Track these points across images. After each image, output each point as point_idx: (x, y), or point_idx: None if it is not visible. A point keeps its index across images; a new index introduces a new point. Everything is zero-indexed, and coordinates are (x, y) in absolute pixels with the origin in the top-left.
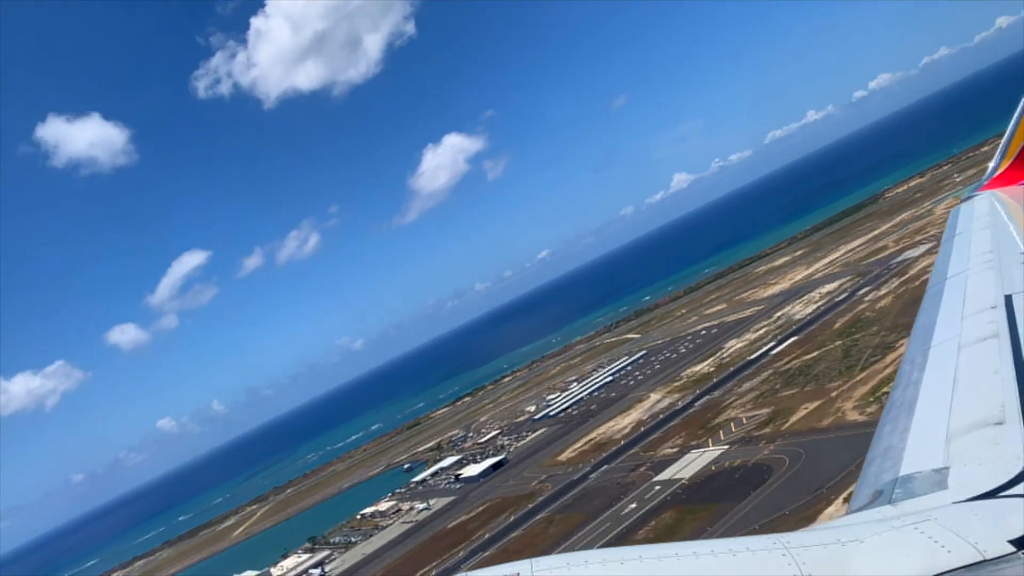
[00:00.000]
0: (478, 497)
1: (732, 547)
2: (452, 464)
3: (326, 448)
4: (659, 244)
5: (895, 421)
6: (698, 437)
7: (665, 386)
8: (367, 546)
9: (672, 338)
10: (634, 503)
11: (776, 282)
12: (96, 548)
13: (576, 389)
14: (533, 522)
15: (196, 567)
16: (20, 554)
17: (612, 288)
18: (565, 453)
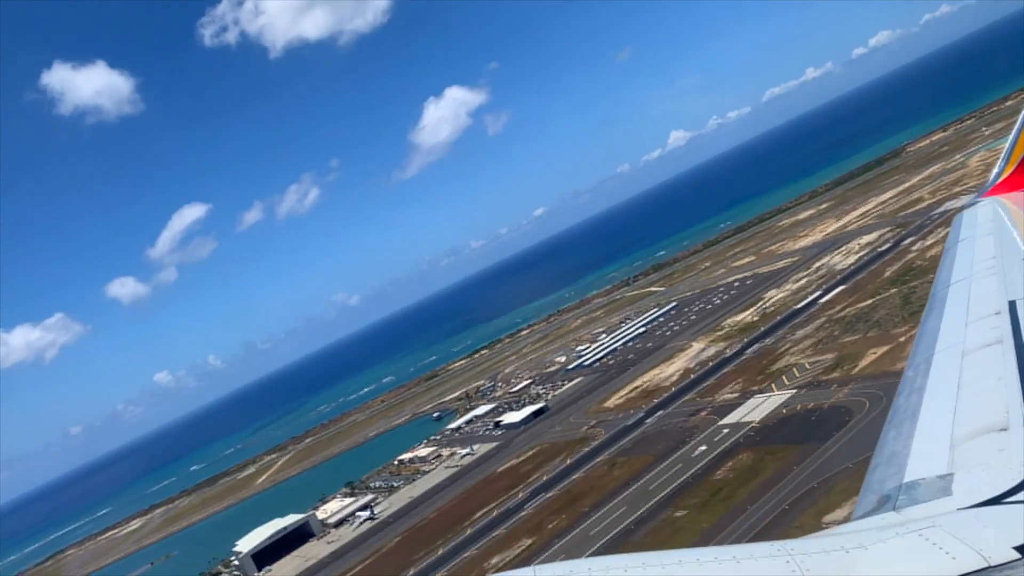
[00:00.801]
0: (524, 442)
1: (736, 554)
2: (487, 412)
3: (339, 400)
4: (661, 201)
5: (899, 427)
6: (758, 383)
7: (707, 336)
8: (412, 490)
9: (702, 290)
10: (703, 445)
11: (806, 234)
12: (107, 497)
13: (607, 340)
14: (593, 464)
15: (224, 513)
16: (23, 503)
17: (621, 244)
18: (611, 400)
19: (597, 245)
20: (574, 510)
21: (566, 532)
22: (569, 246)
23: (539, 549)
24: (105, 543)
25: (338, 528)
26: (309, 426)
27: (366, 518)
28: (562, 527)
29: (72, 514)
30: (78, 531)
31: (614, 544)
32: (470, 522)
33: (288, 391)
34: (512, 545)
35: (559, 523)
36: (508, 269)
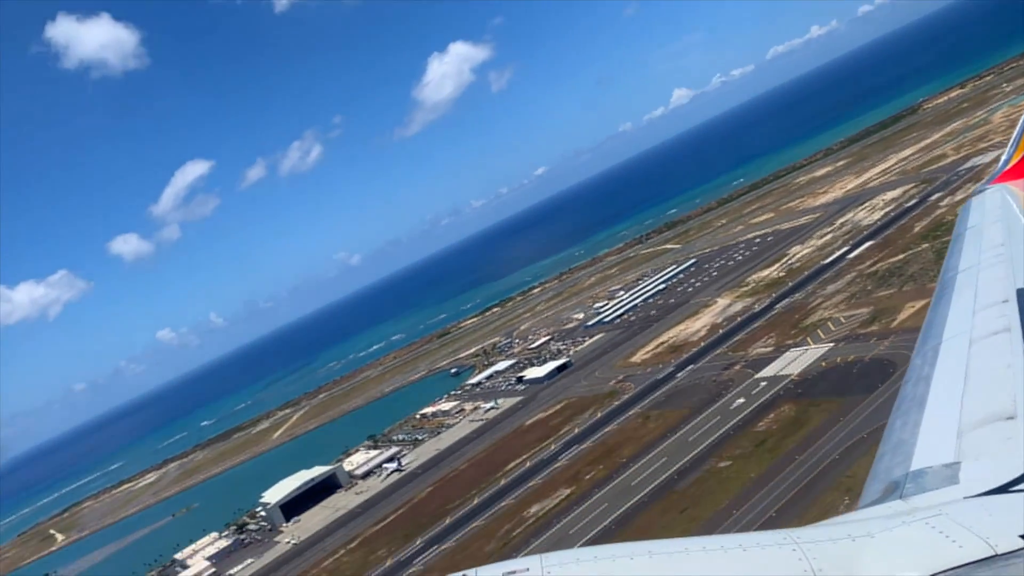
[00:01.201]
0: (549, 397)
1: (742, 542)
2: (508, 368)
3: (348, 357)
4: (666, 159)
5: (906, 416)
6: (792, 337)
7: (732, 291)
8: (438, 442)
9: (721, 246)
10: (741, 398)
11: (825, 191)
12: (118, 452)
13: (626, 297)
14: (626, 418)
15: (242, 467)
16: (29, 458)
17: (628, 202)
18: (637, 355)
19: (603, 204)
20: (612, 461)
21: (605, 482)
22: (573, 205)
23: (579, 498)
24: (122, 496)
25: (365, 479)
26: (321, 382)
27: (393, 470)
28: (601, 477)
29: (84, 468)
30: (92, 484)
31: (658, 493)
32: (503, 473)
33: (293, 349)
34: (550, 494)
35: (597, 473)
36: (511, 228)
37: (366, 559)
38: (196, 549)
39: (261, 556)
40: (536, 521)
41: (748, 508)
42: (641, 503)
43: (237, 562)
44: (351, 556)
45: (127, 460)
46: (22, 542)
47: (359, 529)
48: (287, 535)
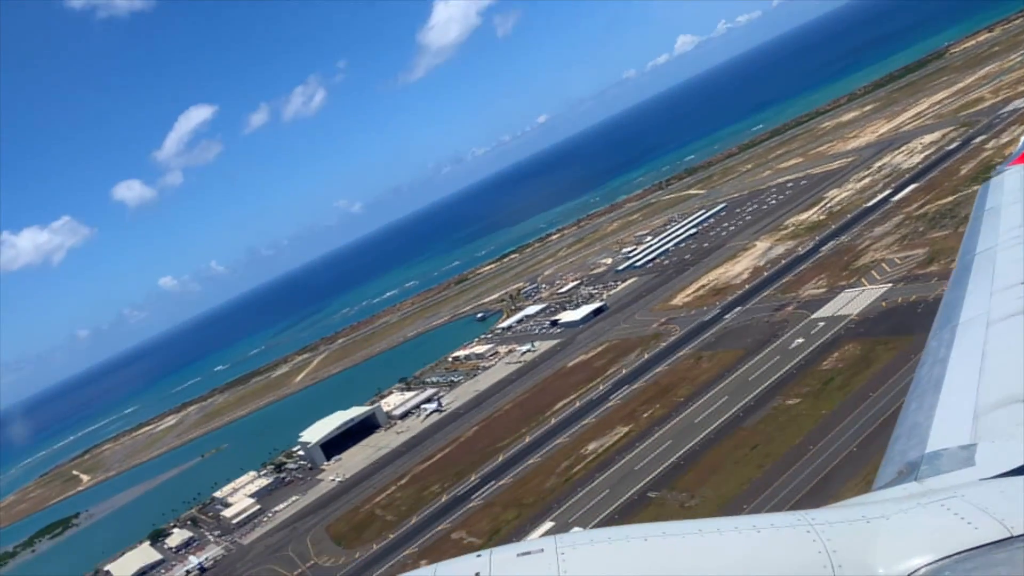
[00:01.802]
0: (589, 340)
1: (756, 523)
2: (539, 312)
3: (362, 303)
4: (673, 106)
5: (922, 398)
6: (843, 278)
7: (771, 235)
8: (475, 384)
9: (751, 191)
10: (799, 338)
11: (855, 135)
12: (130, 396)
13: (655, 242)
14: (676, 358)
15: (267, 409)
16: (35, 403)
17: (640, 149)
18: (677, 298)
19: (613, 151)
20: (668, 400)
21: (665, 420)
22: (580, 152)
23: (639, 436)
24: (143, 438)
25: (404, 420)
26: (336, 328)
27: (433, 410)
28: (659, 416)
29: (97, 412)
30: (108, 428)
31: (724, 430)
32: (551, 412)
33: (300, 296)
34: (606, 432)
35: (654, 412)
36: (516, 176)
37: (419, 495)
38: (236, 487)
39: (305, 493)
40: (596, 458)
41: (825, 445)
42: (707, 440)
43: (281, 499)
44: (403, 492)
45: (141, 404)
46: (45, 483)
47: (407, 466)
48: (329, 473)
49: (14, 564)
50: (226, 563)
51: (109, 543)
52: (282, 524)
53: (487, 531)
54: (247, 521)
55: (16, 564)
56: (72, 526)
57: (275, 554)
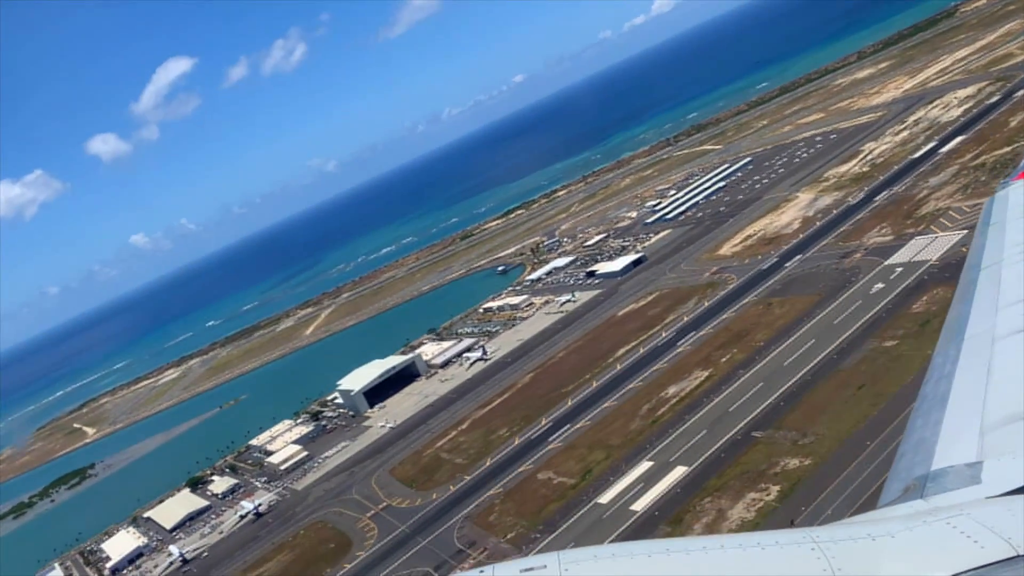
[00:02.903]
0: (634, 289)
1: (760, 541)
2: (568, 264)
3: (357, 259)
4: (656, 66)
5: (927, 415)
6: (909, 227)
7: (812, 187)
8: (516, 334)
9: (775, 146)
10: (879, 283)
11: (877, 91)
12: (118, 351)
13: (681, 195)
14: (742, 305)
15: (282, 361)
16: (12, 358)
17: (634, 107)
18: (724, 248)
19: (604, 109)
20: (746, 344)
21: (749, 363)
22: (566, 111)
23: (723, 379)
24: (144, 391)
25: (444, 368)
26: (334, 283)
27: (477, 359)
28: (740, 360)
29: (83, 367)
30: (100, 382)
31: (821, 372)
32: (614, 358)
33: (280, 253)
34: (684, 376)
35: (733, 356)
36: (497, 135)
37: (486, 439)
38: (273, 435)
39: (355, 440)
40: (680, 401)
41: None
42: (804, 382)
43: (327, 446)
44: (466, 437)
45: (132, 359)
46: (44, 436)
47: (462, 413)
48: (377, 420)
49: (34, 513)
50: (283, 507)
51: (138, 492)
52: (336, 469)
53: (577, 471)
54: (295, 467)
55: (37, 513)
56: (89, 476)
57: (338, 497)
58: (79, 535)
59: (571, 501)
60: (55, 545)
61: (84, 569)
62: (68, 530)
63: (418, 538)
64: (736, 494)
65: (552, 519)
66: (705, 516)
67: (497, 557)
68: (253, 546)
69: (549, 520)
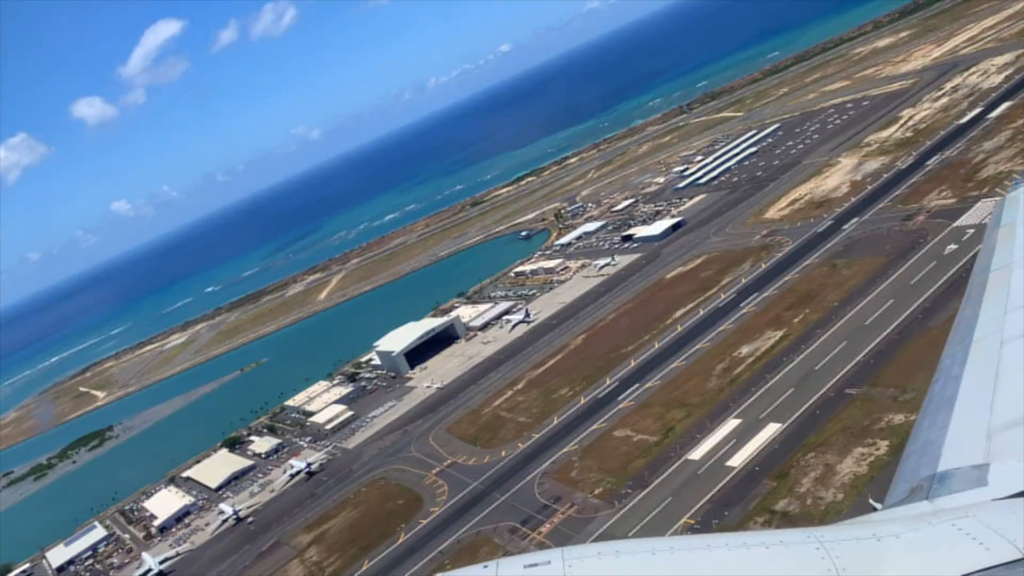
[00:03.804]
0: (679, 252)
1: (765, 540)
2: (599, 229)
3: (359, 226)
4: (651, 36)
5: (934, 416)
6: (971, 189)
7: (853, 152)
8: (556, 297)
9: (803, 112)
10: (951, 244)
11: (903, 59)
12: (114, 316)
13: (710, 161)
14: (803, 267)
15: (298, 326)
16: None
17: (635, 76)
18: (770, 212)
19: (601, 78)
20: (818, 305)
21: (825, 324)
22: (560, 80)
23: (800, 339)
24: (151, 356)
25: (484, 331)
26: (340, 249)
27: (518, 321)
28: (814, 320)
29: (78, 332)
30: (100, 347)
31: (908, 331)
32: (672, 320)
33: (271, 220)
34: (756, 337)
35: (806, 317)
36: (492, 103)
37: (547, 398)
38: (310, 395)
39: (401, 400)
40: (757, 360)
41: None
42: (891, 340)
43: (373, 405)
44: (525, 396)
45: (130, 324)
46: (49, 400)
47: (515, 373)
48: (422, 380)
49: (56, 474)
50: (336, 466)
51: (168, 452)
52: (387, 428)
53: (656, 429)
54: (341, 427)
55: (59, 474)
56: (109, 438)
57: (396, 455)
58: (115, 494)
59: (657, 457)
60: (86, 505)
61: (127, 527)
62: (98, 490)
63: (495, 494)
64: (842, 449)
65: (640, 475)
66: (812, 471)
67: (587, 512)
68: (311, 504)
69: (637, 476)
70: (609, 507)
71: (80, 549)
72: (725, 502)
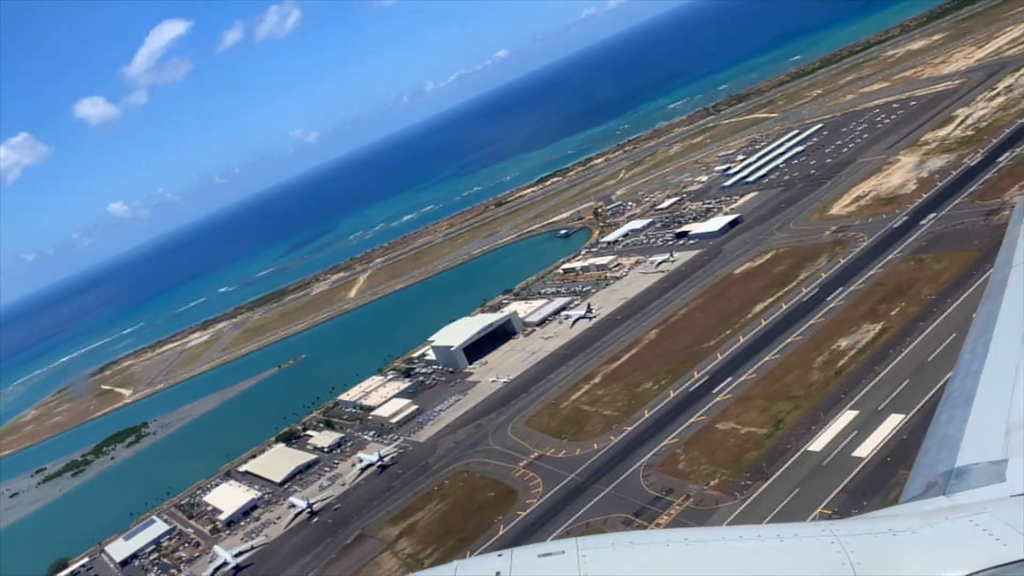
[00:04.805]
0: (741, 249)
1: (780, 533)
2: (646, 226)
3: (375, 227)
4: (656, 41)
5: (952, 411)
6: None
7: (911, 150)
8: (614, 293)
9: (845, 113)
10: None
11: (943, 61)
12: (127, 316)
13: (754, 160)
14: (889, 261)
15: (330, 324)
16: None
17: (651, 80)
18: (834, 209)
19: (610, 82)
20: (914, 299)
21: (927, 316)
22: (564, 85)
23: (903, 331)
24: (173, 354)
25: (541, 327)
26: (359, 250)
27: (579, 316)
28: (913, 312)
29: (87, 332)
30: (113, 346)
31: None
32: (752, 314)
33: (275, 222)
34: (853, 330)
35: (904, 310)
36: (496, 107)
37: (630, 392)
38: (365, 390)
39: (466, 394)
40: (860, 353)
41: None
42: None
43: (436, 400)
44: (605, 390)
45: (142, 324)
46: (71, 397)
47: (588, 368)
48: (485, 375)
49: (95, 471)
50: (409, 459)
51: (215, 447)
52: (457, 422)
53: (763, 421)
54: (406, 421)
55: (99, 470)
56: (146, 434)
57: (473, 448)
58: (169, 489)
59: (772, 449)
60: (135, 500)
61: (188, 522)
62: (145, 485)
63: (597, 486)
64: None
65: (757, 466)
66: None
67: (706, 503)
68: (389, 497)
69: (754, 467)
70: (730, 498)
71: (142, 543)
72: (861, 491)
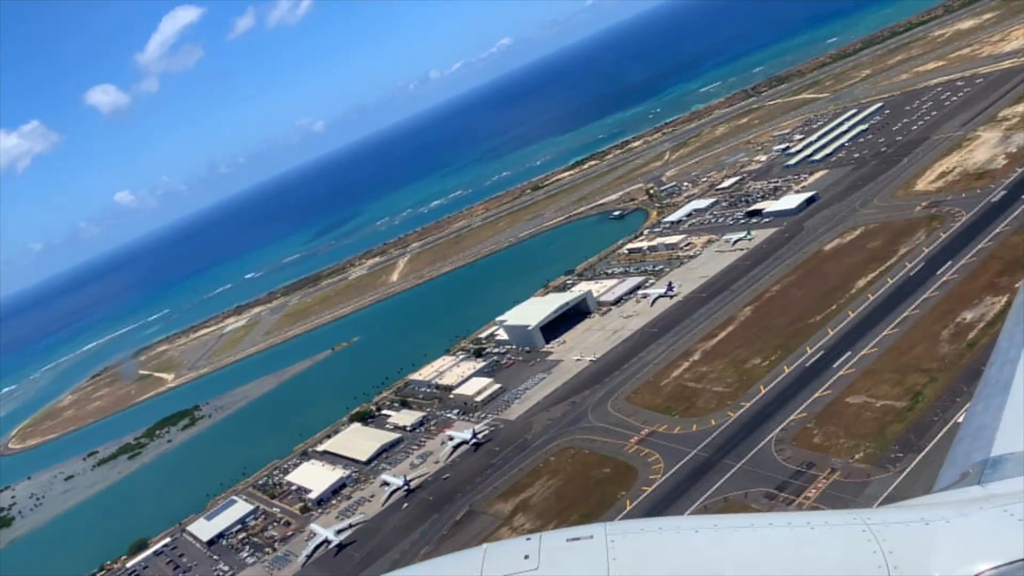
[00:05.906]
0: (825, 226)
1: (811, 520)
2: (710, 206)
3: (403, 213)
4: (666, 27)
5: (988, 400)
6: None
7: (990, 126)
8: (691, 272)
9: (903, 92)
10: None
11: (1002, 40)
12: (151, 302)
13: (815, 139)
14: (997, 235)
15: (377, 307)
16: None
17: (678, 63)
18: (919, 185)
19: (632, 67)
20: None
21: None
22: (576, 70)
23: None
24: (209, 338)
25: (616, 306)
26: (390, 236)
27: (660, 295)
28: None
29: (110, 319)
30: (141, 332)
31: None
32: (856, 289)
33: (291, 210)
34: (974, 303)
35: None
36: (509, 94)
37: (738, 368)
38: (438, 369)
39: (550, 372)
40: (990, 325)
41: None
42: None
43: (518, 379)
44: (709, 366)
45: (167, 311)
46: (108, 383)
47: (684, 346)
48: (567, 353)
49: (152, 454)
50: (503, 437)
51: (282, 427)
52: (548, 400)
53: (898, 394)
54: (491, 399)
55: (156, 452)
56: (200, 417)
57: (574, 425)
58: (244, 470)
59: (916, 422)
60: (206, 480)
61: (271, 501)
62: (211, 466)
63: (727, 461)
64: None
65: (905, 439)
66: None
67: (856, 476)
68: (491, 474)
69: (901, 440)
70: (882, 471)
71: (227, 523)
72: None
